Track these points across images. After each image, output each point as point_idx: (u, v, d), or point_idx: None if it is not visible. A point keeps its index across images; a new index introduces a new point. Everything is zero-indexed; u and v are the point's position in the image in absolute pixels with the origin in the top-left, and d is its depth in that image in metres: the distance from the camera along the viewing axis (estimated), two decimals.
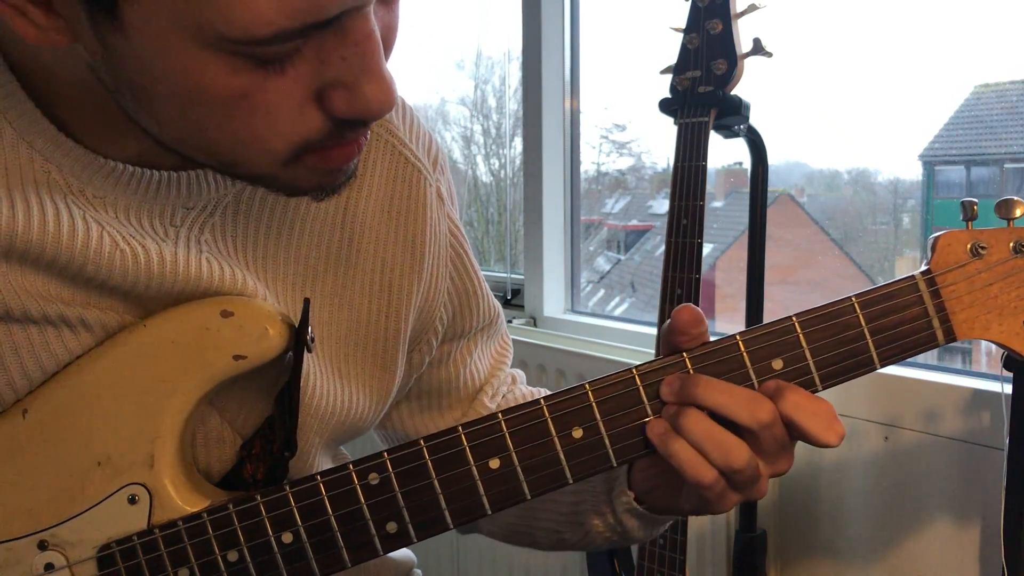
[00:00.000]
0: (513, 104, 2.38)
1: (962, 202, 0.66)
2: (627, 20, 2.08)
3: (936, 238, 0.66)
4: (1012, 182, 1.60)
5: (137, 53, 0.52)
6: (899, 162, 1.76)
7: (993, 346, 1.70)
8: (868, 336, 0.65)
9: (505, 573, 2.06)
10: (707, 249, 1.69)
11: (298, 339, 0.67)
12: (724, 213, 2.04)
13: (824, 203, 1.97)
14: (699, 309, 0.66)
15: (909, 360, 1.74)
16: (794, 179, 1.97)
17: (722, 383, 0.64)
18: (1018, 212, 0.65)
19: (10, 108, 0.62)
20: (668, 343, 0.67)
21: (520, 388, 0.93)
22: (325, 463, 0.81)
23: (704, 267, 1.27)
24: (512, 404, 0.86)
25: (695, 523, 1.57)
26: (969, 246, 0.65)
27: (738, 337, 0.65)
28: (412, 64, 2.75)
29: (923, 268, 0.66)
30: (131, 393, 0.66)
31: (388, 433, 0.91)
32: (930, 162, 1.70)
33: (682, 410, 0.65)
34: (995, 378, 1.35)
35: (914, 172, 1.74)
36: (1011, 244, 0.65)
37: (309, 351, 0.69)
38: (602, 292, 2.36)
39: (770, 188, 1.37)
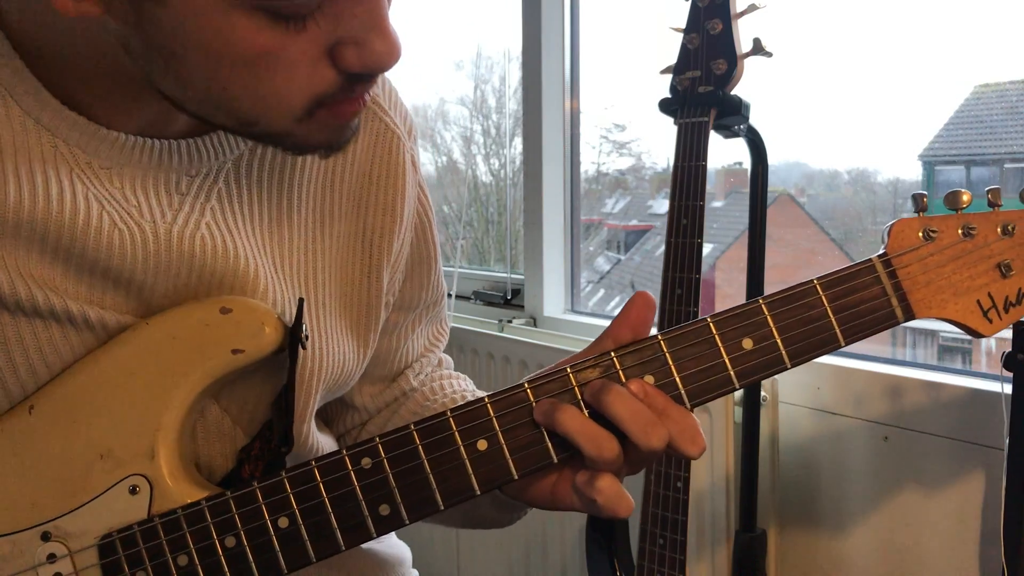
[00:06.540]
0: (513, 104, 2.38)
1: (913, 195, 0.71)
2: (627, 20, 2.08)
3: (890, 225, 0.71)
4: (1012, 182, 1.60)
5: (171, 17, 0.55)
6: (899, 162, 1.76)
7: (993, 345, 1.69)
8: (831, 315, 0.69)
9: (505, 572, 2.06)
10: (707, 249, 1.69)
11: (293, 336, 0.70)
12: (724, 213, 2.04)
13: (824, 203, 1.97)
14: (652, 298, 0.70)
15: (909, 360, 1.73)
16: (794, 179, 1.97)
17: (630, 397, 0.65)
18: (965, 199, 0.70)
19: (16, 85, 0.65)
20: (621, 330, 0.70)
21: (443, 371, 0.96)
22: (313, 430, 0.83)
23: (704, 267, 1.27)
24: (433, 387, 0.92)
25: (695, 523, 1.57)
26: (921, 232, 0.70)
27: (709, 319, 0.68)
28: (412, 64, 2.75)
29: (879, 253, 0.71)
30: (134, 387, 0.69)
31: None
32: (930, 162, 1.70)
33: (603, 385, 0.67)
34: (995, 378, 1.35)
35: (914, 172, 1.74)
36: (960, 229, 0.70)
37: (304, 348, 0.72)
38: (602, 292, 2.36)
39: (770, 188, 1.37)
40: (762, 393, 1.47)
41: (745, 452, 1.44)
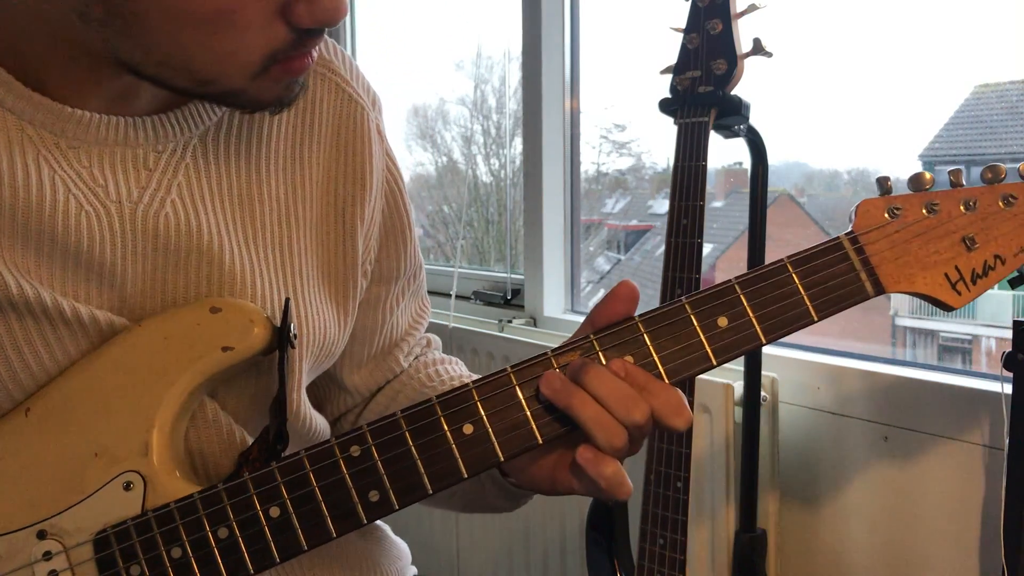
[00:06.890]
0: (513, 104, 2.38)
1: (877, 178, 0.74)
2: (627, 20, 2.08)
3: (856, 206, 0.74)
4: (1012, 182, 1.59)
5: None
6: (899, 162, 1.76)
7: (993, 346, 1.69)
8: (803, 291, 0.71)
9: (504, 571, 2.06)
10: (707, 249, 1.69)
11: (281, 336, 0.72)
12: (724, 213, 2.04)
13: (824, 203, 1.97)
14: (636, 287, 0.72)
15: (909, 360, 1.73)
16: (794, 179, 1.97)
17: (610, 376, 0.67)
18: (927, 178, 0.73)
19: None
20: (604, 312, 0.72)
21: (434, 354, 0.97)
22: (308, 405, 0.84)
23: (704, 267, 1.27)
24: (430, 373, 0.93)
25: (695, 523, 1.57)
26: (886, 211, 0.73)
27: (684, 300, 0.71)
28: (412, 64, 2.76)
29: (847, 231, 0.73)
30: (128, 386, 0.70)
31: None
32: (930, 162, 1.70)
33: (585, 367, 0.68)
34: (995, 378, 1.35)
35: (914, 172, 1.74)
36: (923, 207, 0.73)
37: (292, 347, 0.73)
38: (602, 292, 2.36)
39: (770, 188, 1.37)
40: (762, 393, 1.47)
41: (745, 452, 1.44)
